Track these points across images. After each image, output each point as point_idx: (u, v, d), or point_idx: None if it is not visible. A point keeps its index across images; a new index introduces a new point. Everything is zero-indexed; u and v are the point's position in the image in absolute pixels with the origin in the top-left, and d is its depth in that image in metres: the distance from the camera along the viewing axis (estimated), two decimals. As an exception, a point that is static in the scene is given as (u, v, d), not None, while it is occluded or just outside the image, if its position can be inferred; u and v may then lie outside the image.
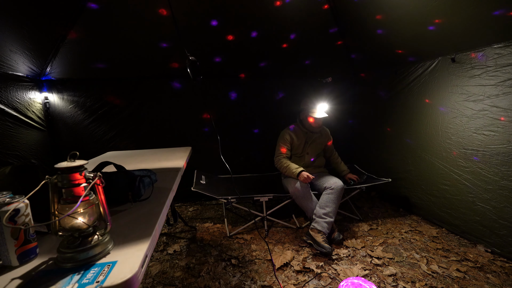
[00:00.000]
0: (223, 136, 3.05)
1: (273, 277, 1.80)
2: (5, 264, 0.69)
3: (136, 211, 1.03)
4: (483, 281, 1.68)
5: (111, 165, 1.28)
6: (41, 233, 0.85)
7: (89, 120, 2.85)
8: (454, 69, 2.12)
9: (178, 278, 1.82)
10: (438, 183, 2.32)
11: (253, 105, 3.23)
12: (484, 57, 1.86)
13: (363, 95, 3.34)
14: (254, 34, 2.66)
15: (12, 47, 2.07)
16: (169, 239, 2.35)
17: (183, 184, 1.92)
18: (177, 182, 1.45)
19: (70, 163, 0.69)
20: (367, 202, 3.05)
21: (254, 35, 2.67)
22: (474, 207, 2.03)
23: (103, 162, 1.24)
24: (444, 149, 2.25)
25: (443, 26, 1.93)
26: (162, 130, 3.05)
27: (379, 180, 2.63)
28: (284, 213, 2.69)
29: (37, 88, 2.61)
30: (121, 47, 2.58)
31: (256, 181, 2.95)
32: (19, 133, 2.33)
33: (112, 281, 0.61)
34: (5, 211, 0.67)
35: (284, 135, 2.58)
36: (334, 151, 2.82)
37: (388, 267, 1.87)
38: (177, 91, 3.01)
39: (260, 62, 3.04)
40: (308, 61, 3.11)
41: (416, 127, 2.53)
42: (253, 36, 2.67)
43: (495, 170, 1.88)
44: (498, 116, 1.84)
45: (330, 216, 2.16)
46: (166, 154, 2.17)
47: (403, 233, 2.32)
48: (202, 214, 2.89)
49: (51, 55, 2.43)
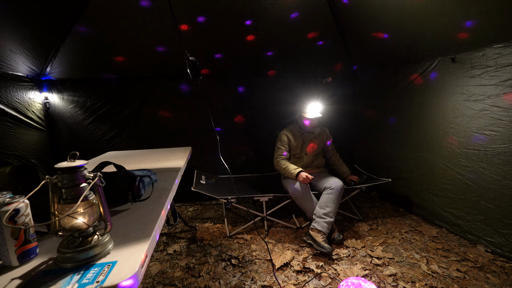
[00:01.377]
0: (223, 136, 3.07)
1: (273, 277, 1.80)
2: (5, 264, 0.69)
3: (136, 211, 1.03)
4: (483, 281, 1.68)
5: (111, 165, 1.28)
6: (41, 233, 0.85)
7: (89, 120, 2.86)
8: (454, 69, 2.12)
9: (178, 278, 1.82)
10: (441, 183, 2.32)
11: (254, 105, 3.23)
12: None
13: (363, 95, 3.34)
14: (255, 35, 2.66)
15: (12, 47, 2.07)
16: (169, 239, 2.35)
17: (183, 184, 1.92)
18: (177, 182, 1.45)
19: (70, 163, 0.69)
20: (367, 202, 3.05)
21: (254, 37, 2.67)
22: (477, 206, 2.03)
23: (103, 162, 1.24)
24: (445, 149, 2.25)
25: (443, 26, 1.93)
26: (162, 130, 3.05)
27: (379, 180, 2.63)
28: (284, 213, 2.69)
29: (37, 88, 2.61)
30: (121, 47, 2.58)
31: (256, 181, 2.95)
32: (19, 133, 2.33)
33: (112, 281, 0.61)
34: (5, 211, 0.66)
35: (282, 137, 2.59)
36: (335, 152, 2.81)
37: (388, 267, 1.87)
38: (177, 91, 3.01)
39: (262, 62, 3.05)
40: (309, 61, 3.11)
41: (417, 127, 2.53)
42: (253, 35, 2.67)
43: (497, 169, 1.87)
44: (499, 116, 1.84)
45: (330, 216, 2.16)
46: (166, 154, 2.17)
47: (403, 233, 2.32)
48: (202, 214, 2.89)
49: (51, 55, 2.43)
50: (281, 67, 3.15)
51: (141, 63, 2.80)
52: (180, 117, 3.07)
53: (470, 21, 1.77)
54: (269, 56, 2.98)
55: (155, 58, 2.76)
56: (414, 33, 2.16)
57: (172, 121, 3.06)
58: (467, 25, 1.81)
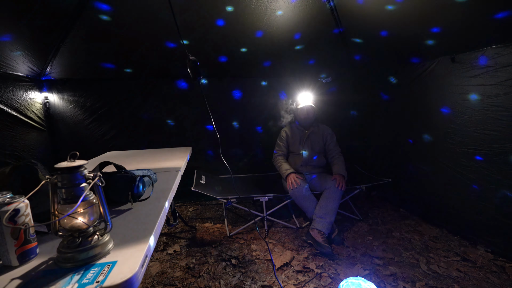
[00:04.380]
0: (223, 136, 3.07)
1: (273, 277, 1.80)
2: (5, 264, 0.69)
3: (136, 211, 1.03)
4: (483, 281, 1.68)
5: (111, 165, 1.28)
6: (41, 233, 0.85)
7: (89, 120, 2.86)
8: (454, 69, 2.12)
9: (178, 278, 1.82)
10: (441, 183, 2.32)
11: (254, 104, 3.23)
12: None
13: (363, 95, 3.34)
14: (259, 34, 2.65)
15: (12, 47, 2.07)
16: (169, 239, 2.35)
17: (183, 184, 1.92)
18: (177, 182, 1.45)
19: (70, 163, 0.69)
20: (367, 202, 3.04)
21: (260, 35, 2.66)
22: (477, 206, 2.03)
23: (103, 162, 1.24)
24: (446, 149, 2.25)
25: (443, 26, 1.93)
26: (162, 130, 3.05)
27: (379, 180, 2.62)
28: (284, 213, 2.69)
29: (37, 88, 2.61)
30: (121, 47, 2.58)
31: (256, 181, 2.95)
32: (19, 133, 2.33)
33: (112, 281, 0.61)
34: (5, 211, 0.66)
35: (281, 133, 2.68)
36: (339, 155, 2.59)
37: (388, 267, 1.87)
38: (177, 91, 3.01)
39: (263, 62, 3.04)
40: (312, 61, 3.11)
41: (417, 127, 2.53)
42: (258, 35, 2.66)
43: (498, 169, 1.87)
44: (499, 116, 1.84)
45: (330, 216, 2.16)
46: (166, 154, 2.17)
47: (403, 233, 2.32)
48: (202, 214, 2.89)
49: (51, 55, 2.43)
50: (283, 66, 3.14)
51: (141, 62, 2.80)
52: (180, 117, 3.06)
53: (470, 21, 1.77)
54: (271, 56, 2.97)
55: (155, 58, 2.76)
56: (414, 33, 2.16)
57: (172, 121, 3.06)
58: (467, 25, 1.81)
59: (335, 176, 2.38)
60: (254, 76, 3.18)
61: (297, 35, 2.71)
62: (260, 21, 2.46)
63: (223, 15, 2.38)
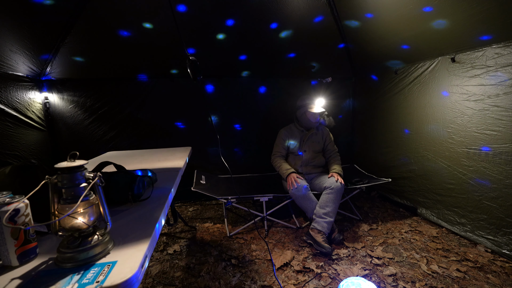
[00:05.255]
0: (223, 136, 3.07)
1: (273, 277, 1.80)
2: (5, 264, 0.69)
3: (136, 211, 1.03)
4: (483, 281, 1.68)
5: (111, 165, 1.28)
6: (41, 233, 0.85)
7: (89, 120, 2.85)
8: (454, 69, 2.12)
9: (178, 278, 1.82)
10: (443, 182, 2.32)
11: (254, 104, 3.23)
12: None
13: (363, 95, 3.34)
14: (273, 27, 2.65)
15: (12, 47, 2.07)
16: (169, 239, 2.35)
17: (183, 184, 1.92)
18: (177, 182, 1.45)
19: (70, 163, 0.69)
20: (367, 202, 3.04)
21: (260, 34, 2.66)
22: (481, 205, 2.02)
23: (103, 162, 1.24)
24: (447, 149, 2.25)
25: (443, 26, 1.93)
26: (162, 130, 3.05)
27: (379, 180, 2.62)
28: (284, 213, 2.69)
29: (37, 88, 2.61)
30: (121, 47, 2.58)
31: (256, 181, 2.95)
32: (19, 133, 2.33)
33: (112, 281, 0.61)
34: (5, 211, 0.66)
35: (280, 134, 2.65)
36: (336, 154, 2.69)
37: (388, 267, 1.87)
38: (177, 91, 3.01)
39: (262, 61, 3.04)
40: (311, 63, 3.11)
41: (418, 127, 2.53)
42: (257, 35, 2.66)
43: (499, 169, 1.87)
44: (499, 116, 1.84)
45: (330, 216, 2.16)
46: (166, 154, 2.17)
47: (403, 233, 2.32)
48: (202, 214, 2.89)
49: (51, 55, 2.43)
50: (283, 67, 3.14)
51: (140, 62, 2.80)
52: (180, 117, 3.06)
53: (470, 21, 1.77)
54: (271, 56, 2.98)
55: (155, 58, 2.76)
56: (414, 33, 2.16)
57: (172, 121, 3.06)
58: (467, 25, 1.81)
59: (332, 173, 2.42)
60: (254, 76, 3.18)
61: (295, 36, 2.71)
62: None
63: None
